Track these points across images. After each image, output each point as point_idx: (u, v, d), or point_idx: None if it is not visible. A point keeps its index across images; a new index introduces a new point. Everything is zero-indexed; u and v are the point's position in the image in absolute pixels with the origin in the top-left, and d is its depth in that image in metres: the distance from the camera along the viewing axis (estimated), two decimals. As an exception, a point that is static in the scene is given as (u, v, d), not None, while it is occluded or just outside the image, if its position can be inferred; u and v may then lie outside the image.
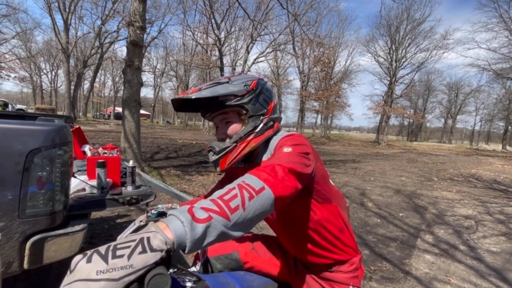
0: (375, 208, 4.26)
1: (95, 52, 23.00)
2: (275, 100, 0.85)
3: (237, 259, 0.90)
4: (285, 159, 0.61)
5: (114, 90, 42.31)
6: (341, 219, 0.81)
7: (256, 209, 0.48)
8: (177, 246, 0.39)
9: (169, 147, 10.09)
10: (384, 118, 26.16)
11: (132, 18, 4.76)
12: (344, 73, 31.36)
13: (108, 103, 49.78)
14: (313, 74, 25.43)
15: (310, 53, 23.47)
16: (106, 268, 0.33)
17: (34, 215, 1.10)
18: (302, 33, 11.90)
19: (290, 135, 0.76)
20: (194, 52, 25.58)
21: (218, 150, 0.77)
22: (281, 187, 0.54)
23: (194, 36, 15.89)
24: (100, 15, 21.31)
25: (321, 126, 33.94)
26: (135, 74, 4.83)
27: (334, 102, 28.53)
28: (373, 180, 6.66)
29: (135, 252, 0.35)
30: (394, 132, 56.24)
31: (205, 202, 0.46)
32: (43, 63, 37.89)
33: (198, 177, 5.38)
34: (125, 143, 4.96)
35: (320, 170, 0.77)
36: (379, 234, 3.18)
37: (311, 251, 0.80)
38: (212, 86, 0.74)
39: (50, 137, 1.14)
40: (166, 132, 20.09)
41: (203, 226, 0.41)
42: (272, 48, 17.04)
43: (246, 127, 0.77)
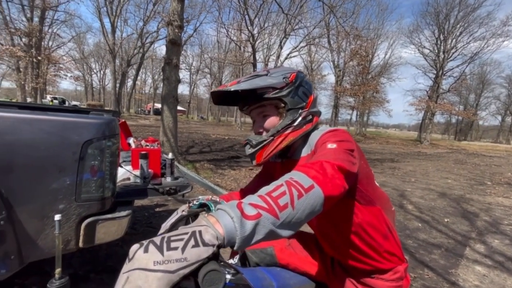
0: (416, 211, 3.96)
1: (137, 52, 24.65)
2: (314, 93, 0.81)
3: (272, 254, 0.89)
4: (332, 156, 0.58)
5: (154, 87, 45.06)
6: (386, 224, 0.76)
7: (305, 208, 0.46)
8: (227, 241, 0.38)
9: (203, 142, 10.47)
10: (428, 115, 24.05)
11: (171, 17, 4.98)
12: (383, 66, 29.39)
13: (148, 100, 53.17)
14: (349, 69, 24.26)
15: (346, 47, 22.45)
16: (162, 259, 0.33)
17: (88, 200, 1.21)
18: (338, 26, 11.41)
19: (333, 130, 0.72)
20: (228, 49, 26.04)
21: (255, 143, 0.76)
22: (331, 186, 0.50)
23: (228, 33, 16.17)
24: (142, 17, 22.73)
25: (356, 123, 32.38)
26: (173, 71, 5.07)
27: (371, 97, 26.96)
28: (414, 181, 6.19)
29: (188, 245, 0.35)
30: (440, 130, 51.47)
31: (253, 198, 0.44)
32: (94, 64, 41.76)
33: (230, 171, 5.51)
34: (163, 137, 5.26)
35: (364, 169, 0.72)
36: (420, 239, 2.96)
37: (350, 255, 0.76)
38: (251, 78, 0.74)
39: (101, 129, 1.24)
40: (200, 127, 20.85)
41: (253, 223, 0.40)
42: (306, 42, 16.62)
43: (284, 120, 0.75)
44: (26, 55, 14.53)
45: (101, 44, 33.26)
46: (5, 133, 1.07)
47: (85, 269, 1.83)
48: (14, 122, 1.10)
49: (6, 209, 1.05)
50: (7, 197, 1.06)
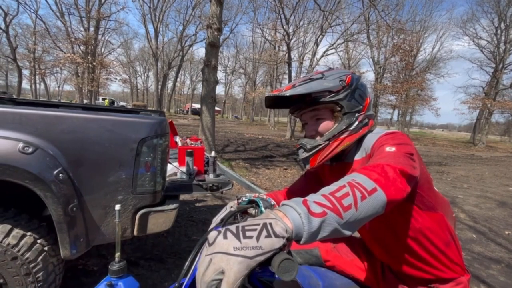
0: (469, 220, 3.58)
1: (177, 55, 26.07)
2: (370, 96, 0.80)
3: (318, 255, 0.89)
4: (392, 159, 0.57)
5: (192, 88, 47.23)
6: (448, 231, 0.72)
7: (367, 210, 0.47)
8: (294, 235, 0.41)
9: (237, 141, 10.69)
10: (485, 114, 21.51)
11: (211, 20, 5.17)
12: (430, 61, 26.99)
13: (186, 100, 55.90)
14: (390, 65, 22.70)
15: (387, 42, 21.06)
16: (240, 246, 0.37)
17: (142, 193, 1.33)
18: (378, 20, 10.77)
19: (391, 133, 0.70)
20: (262, 49, 26.19)
21: (310, 148, 0.76)
22: (393, 190, 0.50)
23: (263, 33, 16.26)
24: (182, 21, 23.95)
25: (397, 123, 30.22)
26: (211, 73, 5.26)
27: (416, 95, 24.94)
28: (466, 187, 5.60)
29: (262, 235, 0.38)
30: (498, 132, 45.60)
31: (317, 197, 0.46)
32: (138, 67, 45.23)
33: (264, 170, 5.55)
34: (202, 135, 5.49)
35: (424, 173, 0.69)
36: (475, 251, 2.67)
37: (407, 261, 0.73)
38: (306, 82, 0.74)
39: (155, 128, 1.35)
40: (235, 127, 21.31)
41: (319, 221, 0.42)
42: (344, 38, 15.98)
43: (340, 124, 0.75)
44: (83, 61, 16.31)
45: (145, 49, 35.92)
46: (77, 131, 1.22)
47: (136, 256, 2.01)
48: (83, 121, 1.26)
49: (77, 198, 1.20)
50: (79, 187, 1.21)
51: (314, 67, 14.77)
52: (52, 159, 1.15)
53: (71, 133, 1.21)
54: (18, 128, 1.13)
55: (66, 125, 1.22)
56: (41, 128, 1.17)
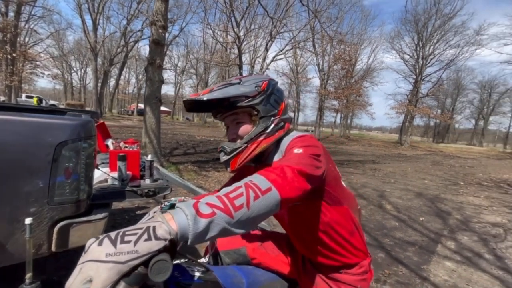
0: (393, 211, 4.12)
1: (120, 51, 24.03)
2: (285, 100, 0.85)
3: (245, 254, 0.92)
4: (295, 161, 0.62)
5: (138, 87, 43.98)
6: (352, 222, 0.81)
7: (260, 209, 0.50)
8: (180, 237, 0.42)
9: (187, 143, 10.35)
10: (408, 118, 25.05)
11: (155, 17, 4.92)
12: (366, 71, 30.28)
13: (132, 100, 51.82)
14: (333, 72, 24.82)
15: (330, 51, 22.96)
16: (114, 251, 0.36)
17: (61, 203, 1.19)
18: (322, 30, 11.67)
19: (301, 136, 0.76)
20: (214, 50, 25.91)
21: (229, 151, 0.78)
22: (288, 189, 0.54)
23: (214, 34, 16.11)
24: (126, 15, 22.21)
25: (340, 125, 33.15)
26: (156, 72, 5.00)
27: (355, 101, 27.70)
28: (393, 182, 6.43)
29: (141, 239, 0.39)
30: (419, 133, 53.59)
31: (211, 198, 0.48)
32: (74, 62, 40.18)
33: (214, 173, 5.49)
34: (146, 138, 5.16)
35: (331, 172, 0.76)
36: (397, 237, 3.09)
37: (320, 252, 0.80)
38: (223, 87, 0.75)
39: (76, 130, 1.22)
40: (186, 129, 20.59)
41: (206, 221, 0.43)
42: (291, 45, 16.86)
43: (257, 128, 0.78)
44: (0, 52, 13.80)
45: (82, 42, 32.11)
46: (-27, 134, 1.04)
47: (59, 274, 1.78)
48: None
49: (-28, 213, 1.01)
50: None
51: (264, 71, 15.23)
52: None
53: (-36, 137, 1.02)
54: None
55: (-42, 127, 1.02)
56: None
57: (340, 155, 12.15)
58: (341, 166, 8.50)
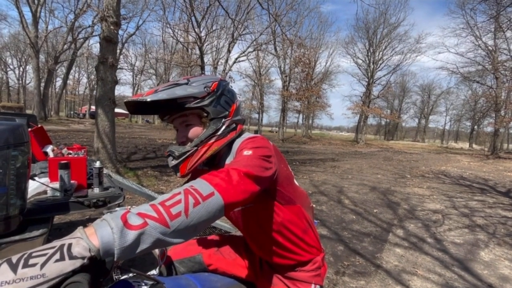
0: (351, 205, 4.40)
1: (67, 48, 21.85)
2: (237, 101, 0.83)
3: (201, 261, 0.89)
4: (243, 163, 0.60)
5: (90, 88, 40.39)
6: (305, 220, 0.82)
7: (201, 215, 0.47)
8: (103, 253, 0.38)
9: (147, 147, 9.81)
10: (363, 118, 27.12)
11: (106, 13, 4.56)
12: (325, 73, 32.05)
13: (83, 102, 47.50)
14: (294, 75, 25.76)
15: (291, 54, 23.77)
16: (13, 278, 0.32)
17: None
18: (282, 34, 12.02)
19: (252, 138, 0.74)
20: (175, 50, 25.00)
21: (178, 155, 0.74)
22: (233, 193, 0.52)
23: (174, 34, 15.53)
24: (73, 9, 20.28)
25: (303, 126, 34.50)
26: (109, 71, 4.64)
27: (315, 102, 29.11)
28: (351, 178, 6.87)
29: (51, 260, 0.34)
30: (372, 132, 58.39)
31: (144, 207, 0.44)
32: (10, 58, 35.38)
33: (176, 178, 5.26)
34: (98, 143, 4.76)
35: (283, 172, 0.76)
36: (354, 230, 3.29)
37: (275, 252, 0.80)
38: (169, 87, 0.71)
39: (4, 137, 1.06)
40: (145, 132, 19.51)
41: (135, 233, 0.40)
42: (254, 47, 17.05)
43: (207, 130, 0.75)
44: None
45: (20, 37, 28.46)
46: None
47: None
48: None
49: None
50: None
51: (227, 72, 15.16)
52: None
53: None
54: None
55: None
56: None
57: (302, 154, 12.62)
58: (304, 165, 8.83)
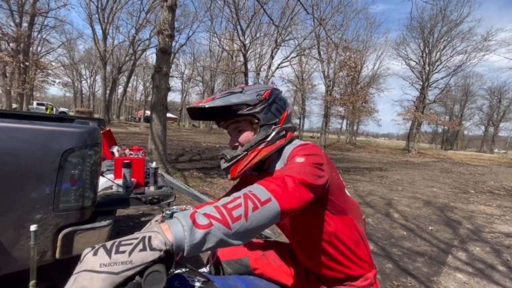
0: (401, 219, 4.03)
1: (129, 59, 24.57)
2: (288, 110, 0.85)
3: (247, 264, 0.91)
4: (297, 170, 0.61)
5: (145, 94, 44.70)
6: (357, 232, 0.79)
7: (259, 220, 0.49)
8: (175, 248, 0.41)
9: (193, 150, 10.40)
10: (415, 124, 24.76)
11: (162, 26, 5.02)
12: (372, 77, 30.23)
13: (139, 107, 52.63)
14: (338, 79, 24.82)
15: (335, 58, 23.03)
16: (109, 262, 0.36)
17: (66, 210, 1.20)
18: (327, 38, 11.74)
19: (303, 145, 0.75)
20: (220, 58, 26.27)
21: (229, 158, 0.79)
22: (288, 199, 0.53)
23: (220, 43, 16.37)
24: (135, 25, 22.77)
25: (346, 132, 32.93)
26: (163, 79, 5.08)
27: (361, 107, 27.56)
28: (401, 190, 6.31)
29: (136, 249, 0.38)
30: (427, 140, 52.80)
31: (209, 209, 0.47)
32: (84, 70, 41.25)
33: (219, 179, 5.48)
34: (152, 144, 5.21)
35: (335, 181, 0.75)
36: (405, 247, 3.01)
37: (324, 263, 0.78)
38: (225, 95, 0.76)
39: (83, 138, 1.24)
40: (191, 135, 20.72)
41: (203, 232, 0.43)
42: (297, 53, 16.99)
43: (257, 136, 0.78)
44: (13, 60, 14.26)
45: (92, 51, 33.00)
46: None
47: (64, 282, 1.78)
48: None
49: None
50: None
51: (270, 78, 15.34)
52: None
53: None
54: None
55: (-31, 135, 1.04)
56: None
57: (346, 162, 12.03)
58: (348, 173, 8.40)
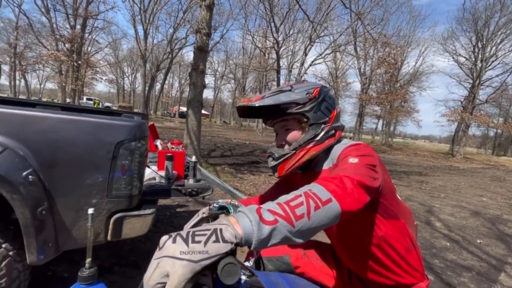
0: (444, 229, 3.72)
1: (166, 57, 25.85)
2: (337, 108, 0.83)
3: (288, 262, 0.91)
4: (353, 171, 0.59)
5: (180, 91, 46.85)
6: (409, 238, 0.75)
7: (320, 220, 0.49)
8: (244, 241, 0.42)
9: (224, 146, 10.65)
10: (462, 127, 22.55)
11: (200, 25, 5.19)
12: (413, 75, 28.14)
13: (174, 103, 55.29)
14: (375, 76, 23.53)
15: (373, 54, 21.85)
16: (187, 250, 0.38)
17: (118, 196, 1.30)
18: (365, 33, 11.17)
19: (355, 145, 0.73)
20: (253, 55, 26.45)
21: (277, 156, 0.78)
22: (349, 201, 0.52)
23: (253, 40, 16.46)
24: (173, 24, 23.85)
25: (382, 133, 31.17)
26: (199, 77, 5.26)
27: (399, 107, 25.86)
28: (444, 197, 5.82)
29: (210, 240, 0.40)
30: (475, 144, 47.90)
31: (272, 205, 0.47)
32: (126, 68, 44.40)
33: (249, 176, 5.55)
34: (187, 139, 5.44)
35: (387, 183, 0.73)
36: (448, 259, 2.77)
37: (371, 268, 0.76)
38: (274, 94, 0.76)
39: (133, 131, 1.33)
40: (223, 131, 21.23)
41: (269, 228, 0.43)
42: (332, 49, 16.44)
43: (306, 135, 0.77)
44: (68, 60, 15.86)
45: (134, 50, 35.35)
46: (50, 132, 1.19)
47: (110, 262, 1.94)
48: (58, 122, 1.22)
49: (48, 200, 1.16)
50: (49, 190, 1.17)
51: (302, 75, 15.07)
52: (21, 160, 1.11)
53: (44, 134, 1.18)
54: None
55: (40, 125, 1.18)
56: (12, 127, 1.13)
57: (381, 164, 11.41)
58: (391, 179, 7.97)
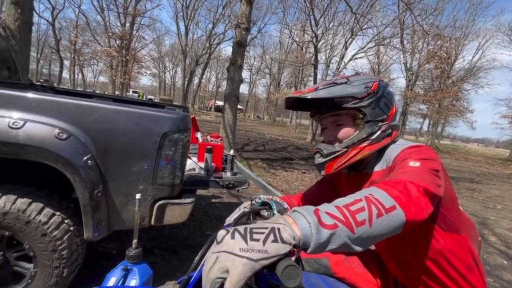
0: (500, 245, 3.31)
1: (205, 52, 26.68)
2: (396, 105, 0.76)
3: (327, 266, 0.87)
4: (416, 176, 0.54)
5: (217, 85, 48.17)
6: (471, 255, 0.67)
7: (382, 228, 0.45)
8: (302, 244, 0.40)
9: (257, 140, 10.73)
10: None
11: (239, 20, 5.22)
12: (469, 70, 25.21)
13: (210, 97, 57.06)
14: (423, 72, 21.52)
15: (422, 47, 20.02)
16: (247, 247, 0.37)
17: (161, 184, 1.38)
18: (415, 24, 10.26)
19: (416, 147, 0.66)
20: (289, 50, 26.02)
21: (326, 153, 0.74)
22: (414, 210, 0.48)
23: (291, 34, 16.16)
24: (212, 20, 24.46)
25: (427, 133, 28.64)
26: (237, 71, 5.33)
27: (450, 105, 23.42)
28: (500, 209, 5.17)
29: (268, 239, 0.38)
30: (542, 150, 41.53)
31: (330, 208, 0.45)
32: (168, 62, 46.86)
33: (282, 172, 5.52)
34: (223, 133, 5.58)
35: (449, 191, 0.65)
36: (505, 279, 2.47)
37: (425, 283, 0.69)
38: (329, 86, 0.71)
39: (177, 123, 1.40)
40: (256, 126, 21.38)
41: (328, 233, 0.41)
42: (375, 42, 15.43)
43: (361, 132, 0.72)
44: (118, 55, 17.26)
45: (175, 45, 37.10)
46: (106, 121, 1.30)
47: (152, 244, 2.09)
48: (113, 112, 1.33)
49: (102, 184, 1.27)
50: (104, 174, 1.28)
51: (341, 70, 14.42)
52: (83, 146, 1.23)
53: (101, 123, 1.29)
54: (56, 115, 1.22)
55: (98, 115, 1.29)
56: (75, 116, 1.25)
57: (425, 168, 10.51)
58: (453, 187, 7.34)
